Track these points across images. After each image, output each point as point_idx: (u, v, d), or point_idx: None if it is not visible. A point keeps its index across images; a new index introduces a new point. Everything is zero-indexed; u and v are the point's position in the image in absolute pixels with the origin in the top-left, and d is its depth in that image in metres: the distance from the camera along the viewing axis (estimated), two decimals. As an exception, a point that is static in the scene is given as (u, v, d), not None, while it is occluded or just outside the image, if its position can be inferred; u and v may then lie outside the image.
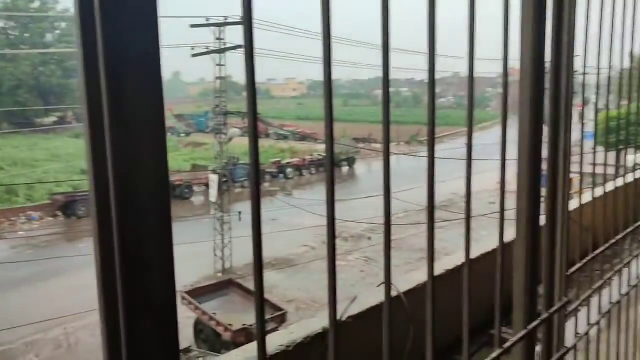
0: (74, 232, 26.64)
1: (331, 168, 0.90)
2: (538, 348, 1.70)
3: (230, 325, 13.76)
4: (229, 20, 22.91)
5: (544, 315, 1.49)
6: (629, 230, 2.23)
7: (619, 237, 2.14)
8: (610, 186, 2.33)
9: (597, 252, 1.89)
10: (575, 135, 2.05)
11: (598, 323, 1.98)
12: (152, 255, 0.64)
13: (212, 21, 23.04)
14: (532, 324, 1.42)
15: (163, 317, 0.66)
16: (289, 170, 38.90)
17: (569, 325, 1.93)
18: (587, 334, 1.88)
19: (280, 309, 14.30)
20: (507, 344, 1.30)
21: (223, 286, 16.67)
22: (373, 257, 21.35)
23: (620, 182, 2.49)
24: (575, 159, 2.02)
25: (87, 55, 0.58)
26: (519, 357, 1.46)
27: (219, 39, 23.13)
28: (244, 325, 13.53)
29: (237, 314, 14.46)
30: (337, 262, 0.99)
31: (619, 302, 2.17)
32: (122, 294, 0.62)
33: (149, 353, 0.66)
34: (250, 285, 16.62)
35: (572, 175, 2.25)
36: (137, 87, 0.60)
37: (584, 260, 1.76)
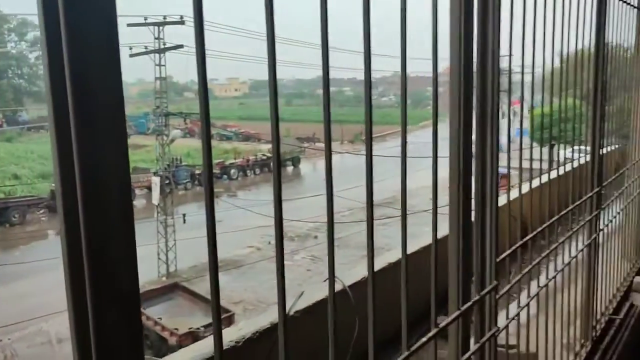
0: (8, 239, 25.50)
1: (278, 168, 0.95)
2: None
3: (176, 329, 13.59)
4: (168, 20, 22.51)
5: (476, 297, 1.60)
6: (554, 218, 2.39)
7: (545, 225, 2.30)
8: (542, 180, 2.50)
9: (525, 239, 2.04)
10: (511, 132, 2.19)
11: (527, 305, 2.13)
12: (117, 250, 0.68)
13: (150, 20, 22.58)
14: (465, 305, 1.53)
15: (129, 308, 0.71)
16: (232, 171, 38.60)
17: (504, 311, 2.07)
18: (517, 315, 2.03)
19: (227, 311, 14.21)
20: (442, 324, 1.41)
21: (168, 290, 16.42)
22: (320, 256, 21.50)
23: (551, 175, 2.66)
24: (512, 154, 2.17)
25: (51, 60, 0.62)
26: (454, 337, 1.58)
27: (157, 38, 22.68)
28: (190, 328, 13.39)
29: (183, 318, 14.30)
30: (284, 262, 1.05)
31: (546, 286, 2.34)
32: (90, 288, 0.66)
33: (116, 343, 0.70)
34: (196, 288, 16.45)
35: (505, 171, 2.40)
36: (100, 90, 0.65)
37: (513, 248, 1.90)
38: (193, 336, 12.94)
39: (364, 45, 1.13)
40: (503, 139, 2.09)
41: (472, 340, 1.72)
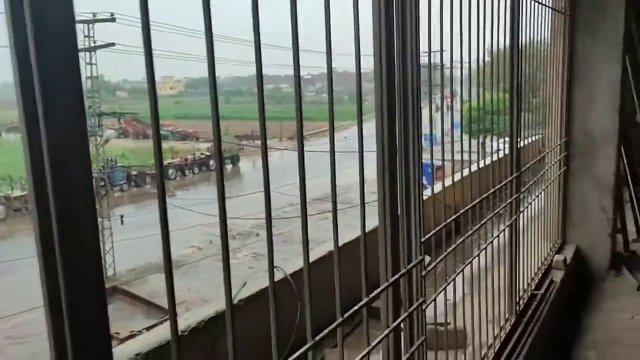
0: None
1: (220, 166, 1.06)
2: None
3: (117, 333, 13.32)
4: (98, 17, 21.89)
5: (403, 270, 1.78)
6: (476, 201, 2.61)
7: (468, 207, 2.51)
8: (471, 169, 2.71)
9: (449, 220, 2.23)
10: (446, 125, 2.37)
11: (454, 280, 2.33)
12: (88, 249, 0.79)
13: (79, 18, 21.86)
14: (394, 276, 1.70)
15: (97, 301, 0.82)
16: (170, 170, 37.92)
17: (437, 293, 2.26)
18: (444, 289, 2.23)
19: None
20: (373, 293, 1.56)
21: (107, 294, 16.03)
22: (262, 253, 21.50)
23: (480, 165, 2.88)
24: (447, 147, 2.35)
25: (21, 71, 0.71)
26: (385, 308, 1.75)
27: (87, 36, 22.00)
28: (132, 331, 13.17)
29: (124, 322, 14.04)
30: (229, 254, 1.15)
31: (470, 263, 2.55)
32: (64, 285, 0.76)
33: (88, 332, 0.81)
34: (136, 290, 16.17)
35: (442, 163, 2.59)
36: (60, 97, 0.74)
37: (438, 228, 2.09)
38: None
39: (293, 44, 1.23)
40: (439, 133, 2.27)
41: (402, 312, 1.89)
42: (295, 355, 1.26)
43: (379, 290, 1.64)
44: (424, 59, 1.91)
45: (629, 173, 5.90)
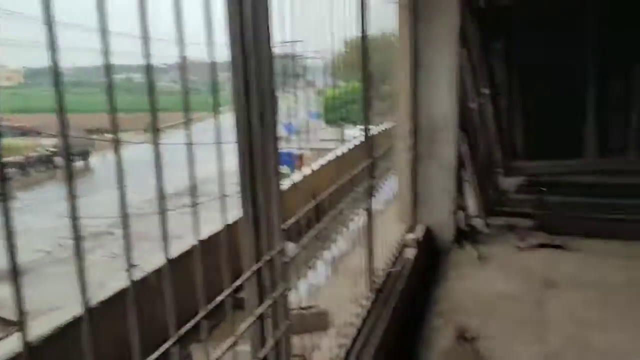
0: None
1: (68, 163, 0.99)
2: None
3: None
4: None
5: (266, 258, 1.81)
6: (333, 187, 2.72)
7: (324, 195, 2.60)
8: (331, 157, 2.79)
9: (306, 208, 2.30)
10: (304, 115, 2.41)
11: (315, 265, 2.41)
12: None
13: None
14: (257, 264, 1.73)
15: None
16: (11, 170, 34.42)
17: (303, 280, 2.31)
18: (306, 274, 2.30)
19: (14, 323, 12.87)
20: (237, 282, 1.57)
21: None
22: (119, 253, 20.46)
23: (339, 152, 2.98)
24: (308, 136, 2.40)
25: None
26: (251, 293, 1.77)
27: None
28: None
29: (-39, 339, 12.61)
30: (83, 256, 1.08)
31: (330, 247, 2.66)
32: None
33: None
34: (-25, 304, 14.57)
35: (304, 152, 2.62)
36: None
37: (297, 215, 2.15)
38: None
39: (141, 30, 1.18)
40: (297, 122, 2.32)
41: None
42: (159, 352, 1.23)
43: (242, 279, 1.65)
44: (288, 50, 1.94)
45: (468, 155, 6.50)
